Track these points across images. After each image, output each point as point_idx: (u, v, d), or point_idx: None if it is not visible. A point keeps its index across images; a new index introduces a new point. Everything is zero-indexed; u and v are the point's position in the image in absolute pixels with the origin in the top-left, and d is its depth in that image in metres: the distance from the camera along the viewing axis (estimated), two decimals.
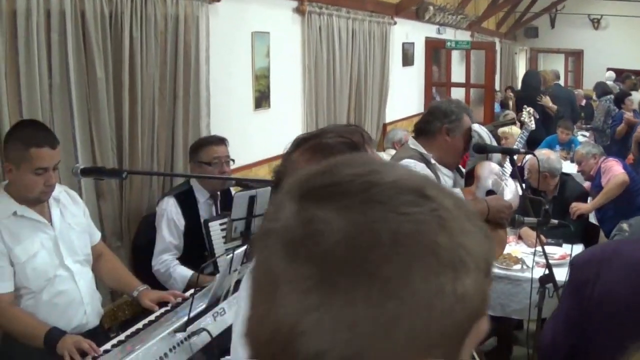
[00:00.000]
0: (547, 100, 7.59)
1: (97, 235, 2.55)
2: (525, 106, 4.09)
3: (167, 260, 2.90)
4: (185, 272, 2.85)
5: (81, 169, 2.27)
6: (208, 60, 3.71)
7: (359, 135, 1.12)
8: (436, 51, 8.15)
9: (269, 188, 2.79)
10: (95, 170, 2.34)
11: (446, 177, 2.68)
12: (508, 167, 2.95)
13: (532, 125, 3.61)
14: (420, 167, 2.51)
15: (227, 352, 1.96)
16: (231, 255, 2.04)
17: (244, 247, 2.16)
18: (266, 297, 0.45)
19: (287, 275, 0.44)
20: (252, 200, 2.75)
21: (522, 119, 3.93)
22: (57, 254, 2.24)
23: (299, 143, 1.12)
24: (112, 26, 3.01)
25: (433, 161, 2.63)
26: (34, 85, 2.58)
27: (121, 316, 3.03)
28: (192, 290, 2.43)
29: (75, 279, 2.28)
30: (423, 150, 2.64)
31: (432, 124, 2.66)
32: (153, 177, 3.36)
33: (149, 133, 3.30)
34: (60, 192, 2.35)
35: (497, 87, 9.83)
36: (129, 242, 3.22)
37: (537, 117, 5.07)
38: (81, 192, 2.84)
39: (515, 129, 5.41)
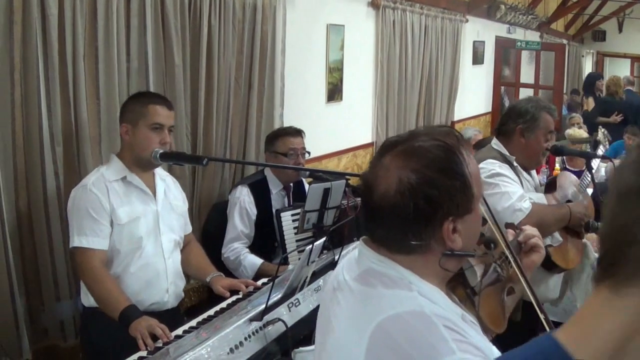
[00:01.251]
0: (615, 119, 7.18)
1: (190, 227, 2.53)
2: (600, 127, 3.83)
3: (237, 248, 2.86)
4: (255, 261, 2.81)
5: (161, 153, 2.17)
6: (284, 51, 3.62)
7: (453, 137, 1.04)
8: (506, 51, 7.79)
9: (343, 181, 2.74)
10: (175, 155, 2.23)
11: (527, 182, 2.43)
12: (585, 179, 2.74)
13: (607, 146, 3.35)
14: (504, 169, 2.33)
15: (300, 343, 1.91)
16: (311, 246, 1.94)
17: (323, 239, 2.05)
18: None
19: None
20: (326, 192, 2.62)
21: (597, 138, 3.76)
22: (155, 228, 2.22)
23: (388, 147, 1.04)
24: (191, 13, 2.94)
25: (515, 163, 2.38)
26: (112, 68, 2.54)
27: (187, 302, 2.99)
28: (265, 280, 2.41)
29: (164, 256, 2.25)
30: (505, 152, 2.40)
31: (507, 125, 2.45)
32: (225, 166, 3.30)
33: (223, 122, 3.23)
34: (167, 175, 2.38)
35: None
36: (199, 229, 3.19)
37: (611, 139, 4.83)
38: None
39: (579, 132, 5.07)
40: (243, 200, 2.90)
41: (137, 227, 2.17)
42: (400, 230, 1.00)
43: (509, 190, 2.25)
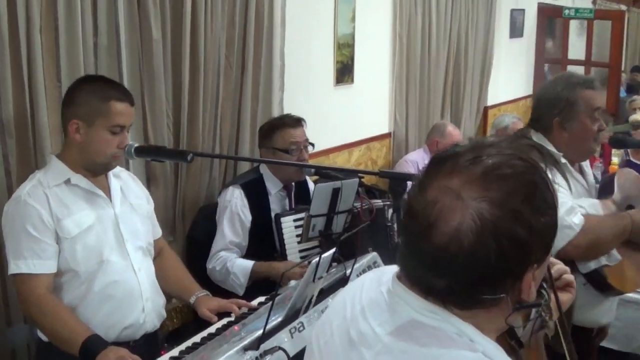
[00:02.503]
0: None
1: (159, 230, 2.52)
2: None
3: (223, 256, 2.87)
4: (245, 263, 2.82)
5: (136, 147, 2.15)
6: (284, 23, 3.60)
7: (533, 149, 1.02)
8: (551, 21, 7.72)
9: (356, 180, 2.74)
10: (154, 150, 2.20)
11: (577, 182, 2.36)
12: None
13: None
14: (549, 173, 2.23)
15: None
16: (317, 259, 1.91)
17: (332, 250, 2.02)
18: None
19: None
20: (335, 193, 2.65)
21: None
22: (117, 235, 2.19)
23: (448, 164, 0.94)
24: None
25: (563, 160, 2.32)
26: (75, 44, 2.51)
27: (168, 325, 2.99)
28: (261, 298, 2.39)
29: (134, 268, 2.22)
30: (551, 147, 2.31)
31: (542, 120, 2.34)
32: (214, 162, 3.28)
33: (212, 108, 3.21)
34: (121, 170, 2.34)
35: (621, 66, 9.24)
36: (183, 236, 3.18)
37: None
38: None
39: None
40: (235, 204, 2.89)
41: (92, 238, 2.12)
42: (472, 283, 0.92)
43: None
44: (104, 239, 2.15)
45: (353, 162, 4.54)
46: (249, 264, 2.81)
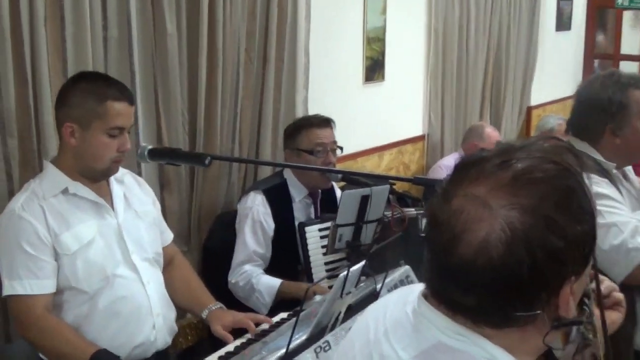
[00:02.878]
0: None
1: (169, 235, 2.52)
2: None
3: (248, 270, 2.87)
4: (272, 282, 2.83)
5: (150, 149, 2.14)
6: (309, 15, 3.60)
7: (567, 152, 0.95)
8: (602, 12, 7.62)
9: (387, 186, 2.73)
10: (169, 153, 2.18)
11: (628, 192, 2.30)
12: None
13: None
14: (606, 187, 2.16)
15: None
16: (345, 272, 1.90)
17: (361, 263, 2.01)
18: None
19: None
20: (364, 201, 2.63)
21: None
22: (121, 247, 2.18)
23: (474, 169, 0.93)
24: None
25: (615, 170, 2.27)
26: (83, 37, 2.52)
27: (181, 342, 2.99)
28: (284, 314, 2.39)
29: (143, 281, 2.21)
30: (599, 157, 2.25)
31: (589, 126, 2.26)
32: (233, 166, 3.29)
33: (231, 108, 3.21)
34: (124, 174, 2.32)
35: None
36: (199, 246, 3.18)
37: None
38: None
39: None
40: (257, 210, 2.90)
41: (95, 253, 2.10)
42: (503, 299, 0.90)
43: (618, 221, 2.09)
44: (108, 253, 2.14)
45: (383, 167, 4.52)
46: (275, 282, 2.81)
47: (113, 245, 2.16)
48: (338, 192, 3.12)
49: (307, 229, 2.86)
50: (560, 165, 0.92)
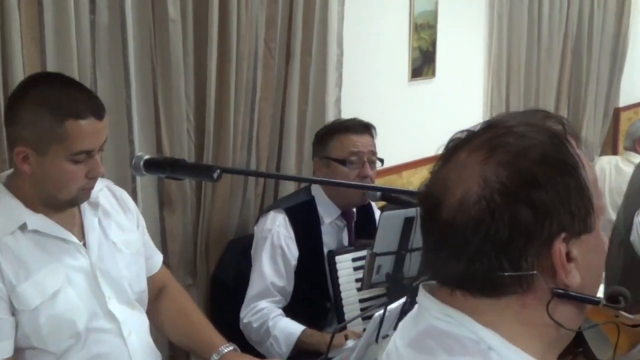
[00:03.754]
0: None
1: (159, 258, 2.50)
2: None
3: (264, 309, 2.86)
4: (292, 327, 2.82)
5: (146, 159, 2.08)
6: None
7: (556, 121, 1.10)
8: None
9: None
10: (170, 164, 2.13)
11: None
12: None
13: None
14: None
15: None
16: (382, 311, 1.92)
17: (402, 300, 2.03)
18: None
19: None
20: (407, 224, 2.62)
21: None
22: (96, 294, 2.13)
23: (458, 144, 1.10)
24: None
25: None
26: (65, 23, 2.51)
27: None
28: None
29: (123, 333, 2.16)
30: None
31: None
32: (249, 181, 3.28)
33: (246, 111, 3.21)
34: (101, 189, 2.23)
35: None
36: (206, 279, 3.18)
37: None
38: (135, 197, 2.79)
39: None
40: (277, 234, 2.90)
41: (63, 306, 2.04)
42: (488, 258, 1.02)
43: None
44: (79, 304, 2.08)
45: None
46: (296, 329, 2.79)
47: (85, 293, 2.10)
48: (377, 213, 3.11)
49: (338, 258, 2.85)
50: (536, 127, 1.06)
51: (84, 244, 2.14)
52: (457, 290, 1.07)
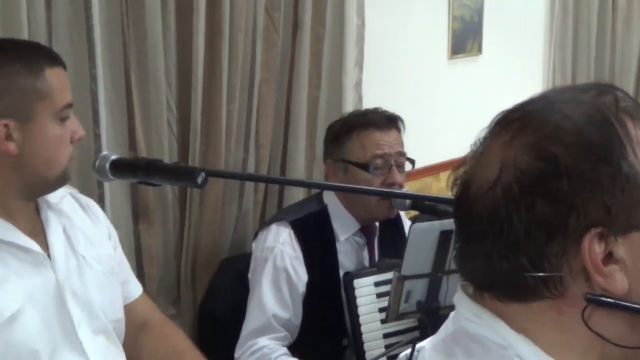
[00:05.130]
0: None
1: (135, 284, 2.54)
2: None
3: (265, 347, 2.85)
4: None
5: (113, 160, 2.10)
6: None
7: (608, 95, 1.12)
8: None
9: None
10: (143, 167, 2.12)
11: None
12: None
13: None
14: None
15: None
16: (410, 351, 1.85)
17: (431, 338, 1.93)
18: None
19: None
20: (444, 239, 2.63)
21: None
22: (62, 318, 2.14)
23: (499, 120, 1.16)
24: None
25: None
26: None
27: None
28: None
29: None
30: None
31: None
32: (246, 187, 3.31)
33: (243, 97, 3.24)
34: (63, 196, 2.29)
35: None
36: (192, 309, 3.22)
37: None
38: (103, 207, 2.78)
39: None
40: (281, 254, 2.91)
41: (23, 331, 2.06)
42: (505, 254, 1.08)
43: None
44: (42, 329, 2.09)
45: None
46: None
47: (50, 316, 2.12)
48: (406, 225, 3.10)
49: (357, 282, 2.84)
50: (580, 103, 1.10)
51: (49, 256, 2.17)
52: (485, 292, 1.14)
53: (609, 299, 1.06)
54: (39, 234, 2.18)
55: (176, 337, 2.54)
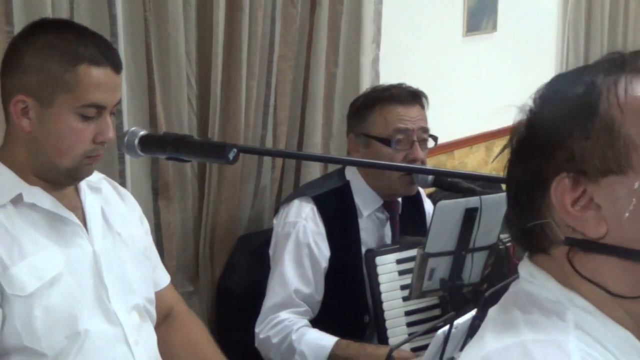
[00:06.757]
0: None
1: (164, 276, 2.57)
2: None
3: (286, 320, 2.86)
4: (323, 340, 2.83)
5: (142, 136, 2.06)
6: None
7: (615, 58, 1.19)
8: None
9: (503, 195, 2.65)
10: (172, 142, 2.09)
11: None
12: None
13: None
14: None
15: None
16: (447, 328, 1.90)
17: (471, 314, 2.03)
18: None
19: None
20: (469, 217, 2.65)
21: None
22: (97, 289, 2.18)
23: None
24: None
25: None
26: None
27: None
28: None
29: (128, 340, 2.21)
30: None
31: None
32: (264, 162, 3.31)
33: (262, 73, 3.24)
34: (100, 180, 2.34)
35: None
36: (211, 285, 3.22)
37: None
38: (124, 183, 2.81)
39: None
40: (304, 229, 2.91)
41: (60, 296, 2.09)
42: (513, 205, 1.23)
43: None
44: (79, 297, 2.12)
45: (494, 166, 4.50)
46: (328, 341, 2.79)
47: (87, 286, 2.15)
48: (428, 205, 3.11)
49: (379, 259, 2.84)
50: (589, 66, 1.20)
51: (87, 229, 2.20)
52: (527, 250, 1.25)
53: (584, 243, 1.14)
54: (79, 207, 2.21)
55: (194, 329, 2.56)
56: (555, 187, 1.14)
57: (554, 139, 1.15)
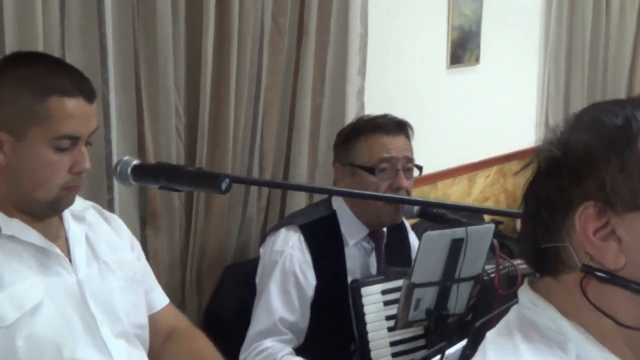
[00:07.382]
0: None
1: (160, 293, 2.55)
2: None
3: (269, 348, 2.85)
4: None
5: (135, 165, 2.06)
6: None
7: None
8: None
9: (490, 226, 2.69)
10: (166, 172, 2.09)
11: None
12: None
13: None
14: None
15: None
16: (439, 358, 1.96)
17: (460, 344, 2.05)
18: None
19: None
20: (455, 248, 2.62)
21: None
22: (83, 316, 2.17)
23: None
24: None
25: None
26: None
27: None
28: None
29: None
30: None
31: None
32: (251, 192, 3.31)
33: (249, 102, 3.23)
34: (87, 208, 2.33)
35: None
36: (197, 314, 3.21)
37: None
38: (112, 212, 2.75)
39: None
40: (290, 257, 2.91)
41: (44, 324, 2.08)
42: (528, 225, 1.23)
43: None
44: (63, 325, 2.11)
45: (476, 196, 4.53)
46: None
47: (71, 313, 2.14)
48: (412, 237, 3.12)
49: (364, 289, 2.81)
50: (626, 107, 1.19)
51: (70, 261, 2.19)
52: (536, 271, 1.26)
53: (601, 273, 1.14)
54: (62, 237, 2.20)
55: (200, 342, 2.53)
56: (581, 212, 1.14)
57: (588, 164, 1.15)
